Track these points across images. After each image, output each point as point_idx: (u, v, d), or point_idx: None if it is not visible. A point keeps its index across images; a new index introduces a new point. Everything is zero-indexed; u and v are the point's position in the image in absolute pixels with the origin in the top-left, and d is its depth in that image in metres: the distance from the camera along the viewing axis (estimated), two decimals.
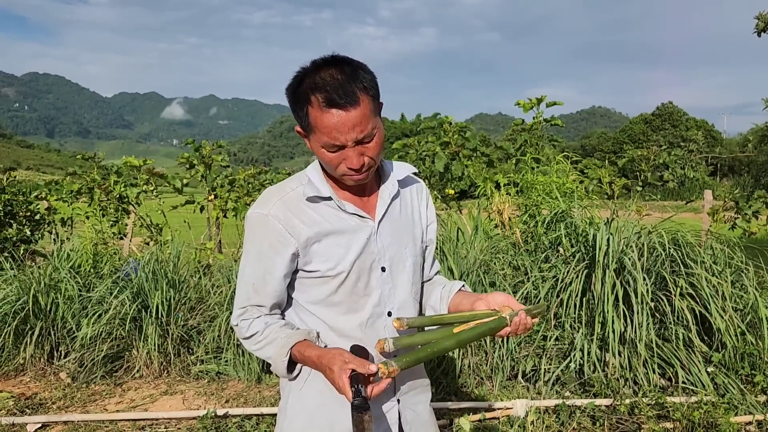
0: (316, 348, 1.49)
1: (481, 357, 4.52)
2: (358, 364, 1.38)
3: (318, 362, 1.45)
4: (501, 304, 1.52)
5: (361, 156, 1.45)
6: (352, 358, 1.40)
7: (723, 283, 4.22)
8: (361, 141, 1.44)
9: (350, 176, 1.49)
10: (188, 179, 7.79)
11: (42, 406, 4.32)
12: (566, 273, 4.45)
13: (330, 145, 1.43)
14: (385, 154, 1.66)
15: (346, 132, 1.40)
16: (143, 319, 4.85)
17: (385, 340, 1.44)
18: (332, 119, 1.39)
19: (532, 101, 6.71)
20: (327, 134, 1.41)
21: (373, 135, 1.45)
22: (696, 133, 54.13)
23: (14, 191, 7.01)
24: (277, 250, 1.53)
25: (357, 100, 1.40)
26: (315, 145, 1.48)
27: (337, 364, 1.38)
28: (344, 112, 1.39)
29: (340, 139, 1.41)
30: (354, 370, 1.37)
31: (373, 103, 1.45)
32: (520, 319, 1.48)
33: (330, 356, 1.42)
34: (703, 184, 36.34)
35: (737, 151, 46.39)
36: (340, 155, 1.45)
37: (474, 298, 1.59)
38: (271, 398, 4.39)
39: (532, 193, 5.74)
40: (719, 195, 7.90)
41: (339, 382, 1.37)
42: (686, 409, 3.60)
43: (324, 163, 1.52)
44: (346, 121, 1.39)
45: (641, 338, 4.02)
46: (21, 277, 5.25)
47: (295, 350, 1.51)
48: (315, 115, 1.41)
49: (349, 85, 1.39)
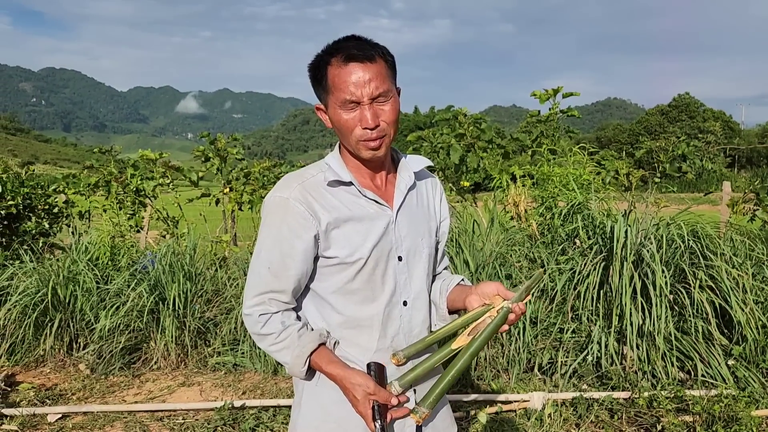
0: (336, 365, 1.52)
1: (498, 349, 4.50)
2: (382, 396, 1.46)
3: (340, 384, 1.51)
4: (492, 294, 1.52)
5: (377, 117, 1.48)
6: (376, 389, 1.46)
7: (743, 276, 4.17)
8: (377, 98, 1.47)
9: (366, 142, 1.50)
10: (204, 172, 7.83)
11: (62, 397, 4.37)
12: (583, 265, 4.42)
13: (346, 101, 1.46)
14: (400, 147, 1.67)
15: (362, 86, 1.45)
16: (160, 311, 4.89)
17: (396, 354, 1.52)
18: (350, 72, 1.45)
19: (548, 92, 6.65)
20: (344, 89, 1.45)
21: (389, 96, 1.50)
22: (714, 124, 53.46)
23: (33, 185, 7.07)
24: (297, 233, 1.52)
25: (374, 58, 1.47)
26: (333, 111, 1.51)
27: (361, 394, 1.46)
28: (361, 65, 1.45)
29: (356, 93, 1.45)
30: (377, 401, 1.45)
31: (390, 70, 1.52)
32: (515, 313, 1.49)
33: (353, 382, 1.48)
34: (721, 175, 35.88)
35: (756, 142, 45.75)
36: (356, 116, 1.48)
37: (467, 292, 1.59)
38: (287, 390, 4.41)
39: (549, 185, 5.70)
40: (738, 187, 7.79)
41: (362, 411, 1.47)
42: (706, 402, 3.56)
43: (341, 131, 1.53)
44: (363, 74, 1.45)
45: (660, 331, 3.98)
46: (40, 269, 5.30)
47: (314, 361, 1.53)
48: (333, 73, 1.47)
49: (368, 47, 1.48)
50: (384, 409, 1.45)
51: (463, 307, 1.59)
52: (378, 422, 1.42)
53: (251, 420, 3.86)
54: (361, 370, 1.50)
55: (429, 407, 1.43)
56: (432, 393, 1.45)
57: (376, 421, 1.42)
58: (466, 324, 1.51)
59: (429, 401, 1.44)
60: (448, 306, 1.67)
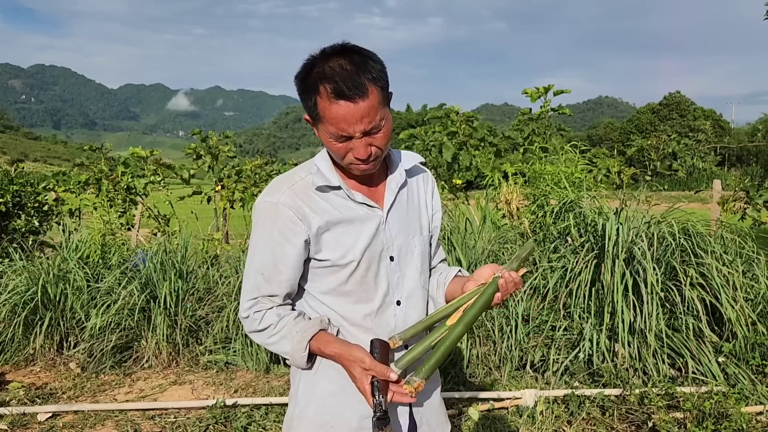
0: (335, 344, 1.50)
1: (490, 347, 4.51)
2: (379, 371, 1.42)
3: (341, 362, 1.49)
4: (488, 276, 1.53)
5: (369, 147, 1.45)
6: (372, 363, 1.43)
7: (734, 273, 4.19)
8: (369, 132, 1.43)
9: (357, 166, 1.49)
10: (195, 170, 7.81)
11: (52, 396, 4.34)
12: (575, 263, 4.43)
13: (337, 135, 1.43)
14: (392, 144, 1.66)
15: (354, 123, 1.40)
16: (152, 309, 4.86)
17: (392, 338, 1.51)
18: (340, 111, 1.39)
19: (540, 90, 6.67)
20: (335, 125, 1.41)
21: (381, 126, 1.45)
22: (704, 122, 53.77)
23: (22, 182, 7.03)
24: (287, 238, 1.52)
25: (365, 92, 1.39)
26: (323, 135, 1.47)
27: (358, 369, 1.44)
28: (352, 104, 1.38)
29: (348, 130, 1.41)
30: (375, 376, 1.41)
31: (382, 93, 1.44)
32: (506, 279, 1.49)
33: (351, 359, 1.45)
34: (711, 174, 36.11)
35: (746, 140, 46.04)
36: (347, 145, 1.45)
37: (464, 280, 1.60)
38: (279, 388, 4.40)
39: (541, 183, 5.71)
40: (728, 185, 7.84)
41: (362, 387, 1.44)
42: (697, 399, 3.58)
43: (331, 153, 1.52)
44: (354, 113, 1.39)
45: (651, 328, 4.00)
46: (30, 267, 5.27)
47: (314, 345, 1.52)
48: (323, 106, 1.41)
49: (358, 77, 1.38)
50: (384, 386, 1.42)
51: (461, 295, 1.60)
52: (376, 398, 1.40)
53: (243, 418, 3.85)
54: (361, 346, 1.49)
55: (422, 377, 1.41)
56: (426, 364, 1.44)
57: (375, 397, 1.40)
58: (462, 303, 1.52)
59: (422, 372, 1.42)
60: (447, 298, 1.68)
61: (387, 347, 1.49)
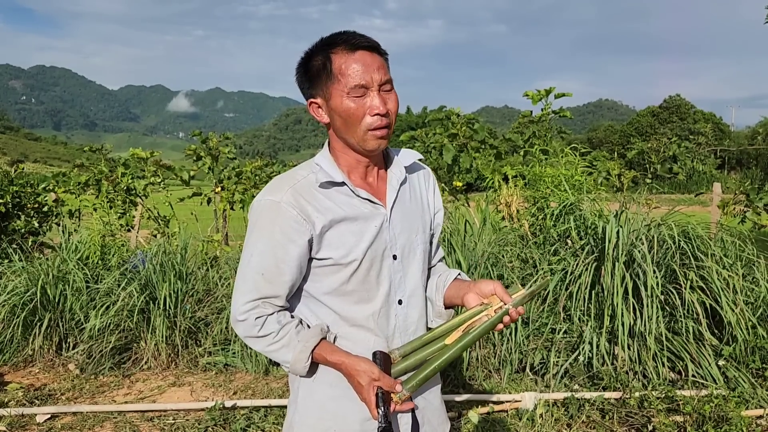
0: (338, 353, 1.50)
1: (489, 350, 4.50)
2: (386, 383, 1.44)
3: (345, 370, 1.49)
4: (489, 294, 1.52)
5: (385, 104, 1.48)
6: (379, 374, 1.44)
7: (734, 276, 4.19)
8: (383, 86, 1.48)
9: (375, 131, 1.48)
10: (195, 171, 7.80)
11: (51, 397, 4.33)
12: (575, 266, 4.43)
13: (356, 87, 1.45)
14: (392, 145, 1.67)
15: (372, 72, 1.46)
16: (151, 310, 4.85)
17: (392, 352, 1.53)
18: (358, 58, 1.45)
19: (541, 93, 6.67)
20: (354, 75, 1.44)
21: (392, 86, 1.51)
22: (704, 126, 53.75)
23: (22, 183, 7.02)
24: (291, 238, 1.49)
25: (379, 48, 1.50)
26: (338, 101, 1.47)
27: (365, 380, 1.44)
28: (368, 54, 1.47)
29: (366, 78, 1.45)
30: (381, 388, 1.42)
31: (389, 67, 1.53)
32: (512, 317, 1.51)
33: (359, 368, 1.46)
34: (711, 177, 36.08)
35: (746, 143, 46.03)
36: (365, 103, 1.46)
37: (465, 289, 1.58)
38: (278, 390, 4.39)
39: (541, 186, 5.71)
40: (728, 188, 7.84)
41: (366, 397, 1.44)
42: (697, 402, 3.57)
43: (347, 121, 1.48)
44: (372, 62, 1.46)
45: (651, 331, 4.00)
46: (29, 268, 5.26)
47: (317, 354, 1.51)
48: (340, 61, 1.45)
49: (370, 39, 1.49)
50: (388, 397, 1.44)
51: (460, 304, 1.59)
52: (381, 409, 1.40)
53: (242, 420, 3.84)
54: (366, 357, 1.49)
55: (410, 390, 1.46)
56: (415, 377, 1.47)
57: (380, 408, 1.40)
58: (463, 323, 1.51)
59: (410, 385, 1.46)
60: (445, 302, 1.66)
61: (389, 360, 1.50)
